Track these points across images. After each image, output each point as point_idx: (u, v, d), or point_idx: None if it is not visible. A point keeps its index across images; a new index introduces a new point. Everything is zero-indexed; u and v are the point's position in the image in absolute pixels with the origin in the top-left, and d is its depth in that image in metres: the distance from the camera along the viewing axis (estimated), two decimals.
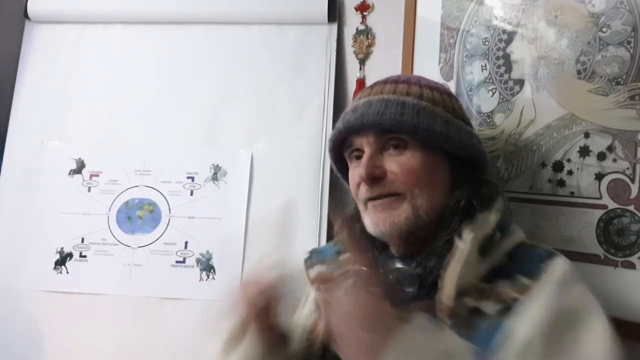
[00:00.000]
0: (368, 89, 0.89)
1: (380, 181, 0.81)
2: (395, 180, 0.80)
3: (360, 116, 0.82)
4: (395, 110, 0.80)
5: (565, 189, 0.98)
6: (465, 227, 0.77)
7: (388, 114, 0.80)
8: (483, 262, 0.77)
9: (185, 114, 1.36)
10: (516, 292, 0.74)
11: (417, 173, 0.80)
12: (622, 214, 0.92)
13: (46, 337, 1.26)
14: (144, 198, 1.33)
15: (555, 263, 0.77)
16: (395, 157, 0.81)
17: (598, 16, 0.95)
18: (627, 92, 0.92)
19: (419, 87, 0.85)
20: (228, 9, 1.39)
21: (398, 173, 0.80)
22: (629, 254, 0.92)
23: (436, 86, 0.88)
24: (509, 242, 0.81)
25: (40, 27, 1.45)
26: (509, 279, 0.76)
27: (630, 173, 0.92)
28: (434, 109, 0.82)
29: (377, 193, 0.81)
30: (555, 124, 1.00)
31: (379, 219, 0.81)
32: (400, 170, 0.80)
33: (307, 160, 1.30)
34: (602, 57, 0.94)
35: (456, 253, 0.75)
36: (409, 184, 0.80)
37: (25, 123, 1.40)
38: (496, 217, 0.79)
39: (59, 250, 1.31)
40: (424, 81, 0.88)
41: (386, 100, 0.82)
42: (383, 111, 0.81)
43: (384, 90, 0.85)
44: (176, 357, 1.23)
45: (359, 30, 1.34)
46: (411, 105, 0.81)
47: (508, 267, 0.78)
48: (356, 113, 0.83)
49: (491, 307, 0.74)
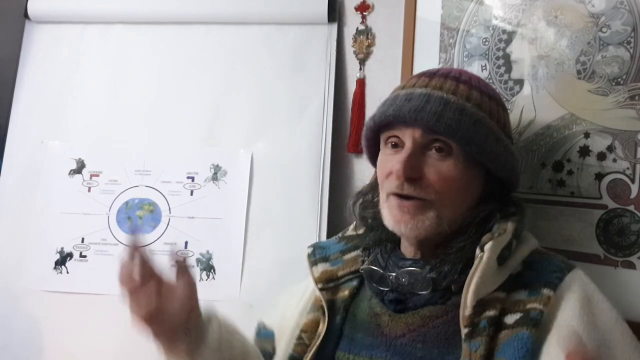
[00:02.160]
0: (425, 77, 0.83)
1: (414, 182, 0.77)
2: (429, 186, 0.77)
3: (415, 110, 0.76)
4: (454, 116, 0.76)
5: (565, 189, 0.98)
6: (484, 236, 0.76)
7: (446, 117, 0.75)
8: (501, 271, 0.76)
9: (186, 114, 1.36)
10: (537, 302, 0.73)
11: (453, 184, 0.77)
12: (622, 214, 0.92)
13: (46, 337, 1.26)
14: (144, 198, 1.33)
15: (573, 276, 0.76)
16: (437, 162, 0.77)
17: (598, 16, 0.95)
18: (627, 92, 0.92)
19: (479, 93, 0.81)
20: (228, 9, 1.39)
21: (435, 180, 0.77)
22: (629, 254, 0.92)
23: (493, 94, 0.84)
24: (524, 250, 0.80)
25: (40, 27, 1.44)
26: (528, 289, 0.75)
27: (630, 173, 0.92)
28: (489, 124, 0.79)
29: (407, 192, 0.78)
30: (555, 124, 1.00)
31: (402, 219, 0.78)
32: (439, 178, 0.77)
33: (307, 160, 1.30)
34: (602, 57, 0.94)
35: (477, 263, 0.74)
36: (442, 193, 0.77)
37: (25, 123, 1.40)
38: (513, 226, 0.78)
39: (59, 250, 1.31)
40: (483, 85, 0.84)
41: (445, 101, 0.77)
42: (441, 113, 0.76)
43: (445, 87, 0.80)
44: None
45: (359, 30, 1.34)
46: (470, 115, 0.77)
47: (525, 274, 0.77)
48: (410, 103, 0.77)
49: (511, 317, 0.73)
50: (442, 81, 0.81)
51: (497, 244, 0.75)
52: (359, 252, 0.91)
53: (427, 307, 0.79)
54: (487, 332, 0.71)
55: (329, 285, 0.88)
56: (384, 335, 0.80)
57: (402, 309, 0.81)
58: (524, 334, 0.70)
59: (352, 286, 0.88)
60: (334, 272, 0.89)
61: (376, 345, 0.81)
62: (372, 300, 0.85)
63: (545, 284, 0.75)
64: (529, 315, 0.72)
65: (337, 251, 0.92)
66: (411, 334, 0.78)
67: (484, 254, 0.74)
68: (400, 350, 0.78)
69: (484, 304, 0.73)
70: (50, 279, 1.29)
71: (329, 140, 1.30)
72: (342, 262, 0.90)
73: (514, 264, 0.78)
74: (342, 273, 0.89)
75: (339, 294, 0.88)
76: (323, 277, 0.88)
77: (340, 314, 0.86)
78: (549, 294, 0.73)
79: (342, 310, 0.86)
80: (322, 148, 1.30)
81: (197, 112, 1.36)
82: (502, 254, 0.76)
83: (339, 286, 0.89)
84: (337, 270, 0.89)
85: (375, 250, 0.88)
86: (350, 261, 0.91)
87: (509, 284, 0.76)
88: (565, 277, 0.75)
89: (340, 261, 0.91)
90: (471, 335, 0.72)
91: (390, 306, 0.82)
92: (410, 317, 0.79)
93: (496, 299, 0.74)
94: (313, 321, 0.87)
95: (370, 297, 0.86)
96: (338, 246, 0.94)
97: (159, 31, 1.41)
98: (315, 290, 0.88)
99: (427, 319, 0.78)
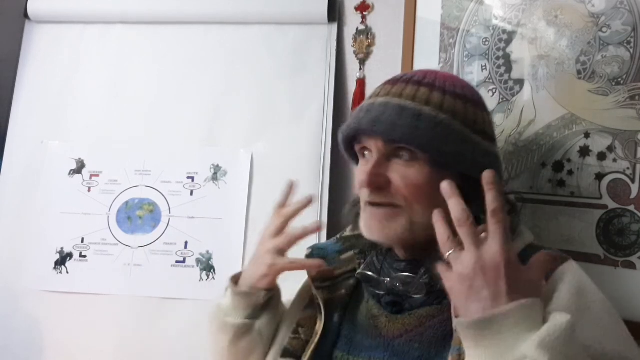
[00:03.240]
0: (389, 85, 0.83)
1: (382, 190, 0.78)
2: (397, 193, 0.78)
3: (373, 121, 0.78)
4: (410, 123, 0.76)
5: (565, 189, 0.98)
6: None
7: (400, 125, 0.76)
8: None
9: (185, 114, 1.36)
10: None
11: (421, 190, 0.77)
12: (622, 214, 0.92)
13: (46, 337, 1.26)
14: (144, 198, 1.33)
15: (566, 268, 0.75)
16: (402, 168, 0.78)
17: (598, 16, 0.95)
18: (627, 92, 0.92)
19: (442, 94, 0.79)
20: (228, 9, 1.39)
21: (402, 186, 0.77)
22: (629, 254, 0.92)
23: (462, 93, 0.82)
24: (518, 244, 0.79)
25: (40, 27, 1.44)
26: None
27: (631, 173, 0.92)
28: (451, 124, 0.77)
29: (377, 200, 0.79)
30: (555, 124, 1.00)
31: (373, 226, 0.79)
32: (405, 185, 0.77)
33: (307, 160, 1.30)
34: (602, 57, 0.94)
35: None
36: (410, 199, 0.77)
37: (25, 123, 1.40)
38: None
39: (59, 250, 1.31)
40: (450, 85, 0.82)
41: (402, 108, 0.77)
42: (396, 121, 0.76)
43: (404, 93, 0.80)
44: (176, 357, 1.23)
45: (359, 30, 1.34)
46: (428, 118, 0.76)
47: None
48: (370, 114, 0.79)
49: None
50: (402, 87, 0.81)
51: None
52: (355, 252, 0.92)
53: (424, 307, 0.79)
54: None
55: (324, 284, 0.89)
56: (382, 336, 0.81)
57: (399, 310, 0.81)
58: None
59: (349, 285, 0.89)
60: (330, 272, 0.90)
61: (375, 347, 0.81)
62: (369, 302, 0.86)
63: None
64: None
65: (335, 251, 0.93)
66: (408, 335, 0.79)
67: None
68: (398, 350, 0.79)
69: None
70: (50, 279, 1.29)
71: (329, 140, 1.30)
72: (339, 261, 0.91)
73: None
74: (339, 272, 0.90)
75: (336, 292, 0.89)
76: (319, 276, 0.89)
77: (338, 313, 0.87)
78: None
79: (340, 310, 0.87)
80: (322, 148, 1.30)
81: (197, 112, 1.36)
82: None
83: (336, 285, 0.89)
84: (333, 269, 0.90)
85: (371, 254, 0.89)
86: (347, 260, 0.92)
87: None
88: (558, 268, 0.75)
89: (337, 261, 0.91)
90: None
91: (387, 308, 0.83)
92: (407, 318, 0.80)
93: None
94: (310, 318, 0.88)
95: (368, 299, 0.86)
96: (336, 247, 0.94)
97: (159, 31, 1.41)
98: (312, 289, 0.88)
99: (424, 319, 0.79)
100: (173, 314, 1.25)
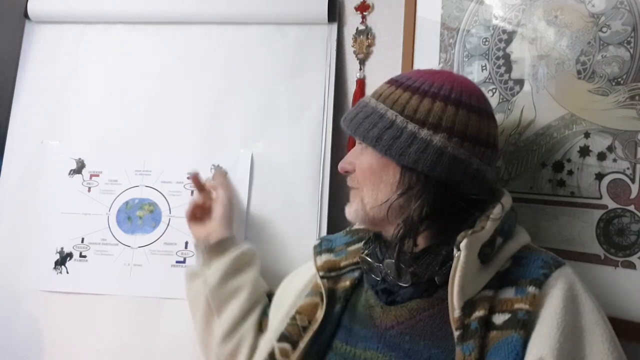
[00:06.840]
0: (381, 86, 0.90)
1: (349, 175, 0.90)
2: (354, 177, 0.89)
3: (348, 119, 0.88)
4: (360, 118, 0.85)
5: (565, 189, 0.98)
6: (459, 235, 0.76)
7: (355, 120, 0.86)
8: (486, 269, 0.76)
9: (185, 114, 1.36)
10: (523, 302, 0.73)
11: (367, 172, 0.85)
12: (622, 214, 0.92)
13: (46, 337, 1.26)
14: (144, 198, 1.33)
15: (560, 273, 0.76)
16: (360, 155, 0.88)
17: (598, 16, 0.95)
18: (627, 92, 0.92)
19: (402, 90, 0.83)
20: (228, 9, 1.39)
21: (356, 170, 0.88)
22: (629, 254, 0.92)
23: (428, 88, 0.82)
24: (513, 246, 0.80)
25: (40, 27, 1.44)
26: (515, 286, 0.75)
27: (631, 173, 0.92)
28: (397, 122, 0.81)
29: (349, 184, 0.91)
30: (555, 124, 1.00)
31: (346, 207, 0.90)
32: (358, 168, 0.88)
33: (307, 160, 1.30)
34: (602, 57, 0.94)
35: (455, 263, 0.74)
36: (360, 180, 0.87)
37: (25, 123, 1.40)
38: (494, 224, 0.77)
39: (59, 250, 1.31)
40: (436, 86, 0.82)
41: (362, 105, 0.87)
42: (353, 117, 0.87)
43: (378, 92, 0.88)
44: (176, 357, 1.23)
45: (359, 30, 1.34)
46: (377, 114, 0.83)
47: (512, 271, 0.77)
48: (349, 114, 0.89)
49: (499, 316, 0.73)
50: (383, 88, 0.88)
51: (474, 241, 0.75)
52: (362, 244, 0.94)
53: (414, 300, 0.81)
54: (479, 334, 0.71)
55: (330, 275, 0.91)
56: (375, 326, 0.83)
57: (392, 301, 0.83)
58: (513, 337, 0.70)
59: (353, 277, 0.91)
60: (336, 262, 0.93)
61: (369, 337, 0.83)
62: (368, 293, 0.88)
63: (531, 282, 0.75)
64: (516, 317, 0.72)
65: (343, 243, 0.96)
66: (399, 326, 0.80)
67: (460, 252, 0.74)
68: (390, 342, 0.80)
69: (472, 304, 0.73)
70: (50, 279, 1.29)
71: (329, 140, 1.30)
72: (346, 253, 0.94)
73: (501, 261, 0.78)
74: (345, 263, 0.93)
75: (340, 283, 0.90)
76: (325, 266, 0.92)
77: (340, 303, 0.88)
78: (535, 292, 0.73)
79: (342, 300, 0.88)
80: (322, 148, 1.30)
81: (197, 112, 1.36)
82: (483, 251, 0.76)
83: (341, 276, 0.92)
84: (339, 260, 0.93)
85: (374, 244, 0.91)
86: (353, 252, 0.94)
87: (496, 281, 0.76)
88: (552, 274, 0.75)
89: (344, 252, 0.94)
90: (463, 338, 0.72)
91: (382, 297, 0.85)
92: (399, 309, 0.81)
93: (484, 297, 0.74)
94: (310, 305, 0.89)
95: (367, 289, 0.88)
96: (344, 239, 0.97)
97: (159, 31, 1.40)
98: (317, 278, 0.90)
99: (414, 312, 0.80)
100: (173, 314, 1.24)
